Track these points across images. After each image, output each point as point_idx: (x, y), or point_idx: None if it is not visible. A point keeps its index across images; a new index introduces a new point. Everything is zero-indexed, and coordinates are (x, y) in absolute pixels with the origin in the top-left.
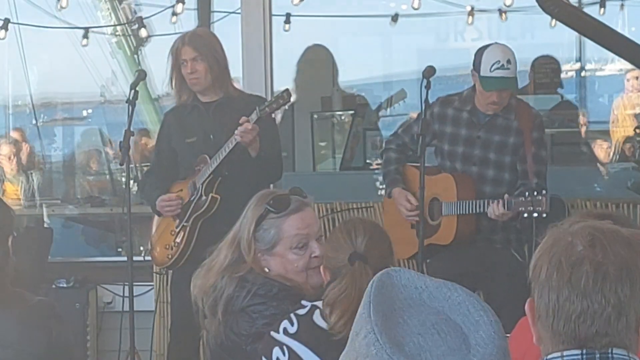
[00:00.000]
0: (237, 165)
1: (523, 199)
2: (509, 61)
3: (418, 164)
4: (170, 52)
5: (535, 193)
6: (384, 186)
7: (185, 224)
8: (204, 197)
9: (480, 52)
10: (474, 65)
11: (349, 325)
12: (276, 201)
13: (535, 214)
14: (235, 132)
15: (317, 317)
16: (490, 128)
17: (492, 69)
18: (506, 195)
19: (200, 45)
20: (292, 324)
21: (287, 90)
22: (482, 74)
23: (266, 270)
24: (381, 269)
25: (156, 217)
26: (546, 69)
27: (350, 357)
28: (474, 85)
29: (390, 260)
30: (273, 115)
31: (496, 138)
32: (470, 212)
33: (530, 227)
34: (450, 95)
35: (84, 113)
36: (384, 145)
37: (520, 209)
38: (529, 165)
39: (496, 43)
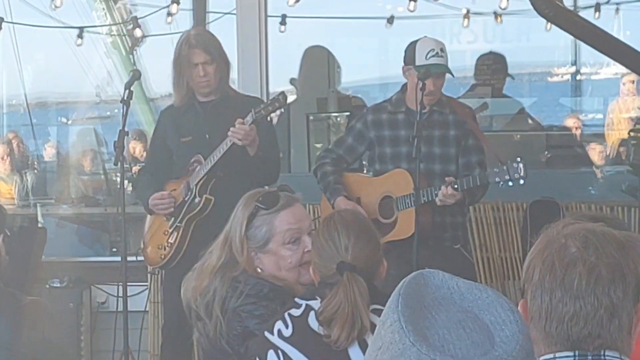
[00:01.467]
0: (232, 167)
1: (497, 170)
2: (442, 50)
3: (356, 173)
4: (178, 55)
5: (509, 162)
6: (328, 198)
7: (178, 224)
8: (197, 199)
9: (411, 46)
10: (405, 60)
11: (352, 334)
12: (265, 198)
13: (511, 183)
14: (229, 133)
15: (312, 320)
16: (429, 124)
17: (427, 57)
18: (450, 178)
19: (211, 48)
20: (286, 326)
21: (282, 93)
22: (417, 63)
23: (259, 270)
24: (370, 268)
25: (149, 216)
26: (488, 69)
27: (376, 345)
28: (402, 87)
29: (378, 257)
30: (269, 118)
31: (437, 133)
32: (429, 199)
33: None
34: (380, 103)
35: (108, 113)
36: (316, 162)
37: (495, 179)
38: (488, 151)
39: (425, 36)
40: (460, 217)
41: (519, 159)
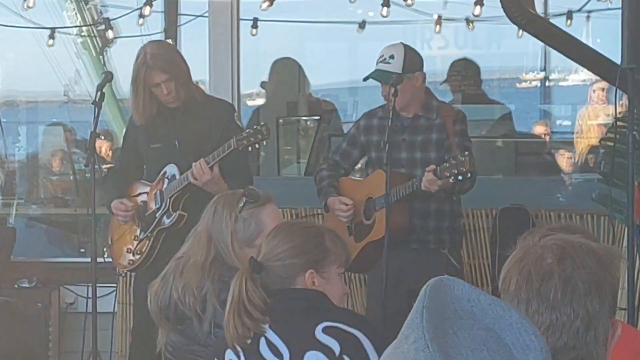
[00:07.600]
0: None
1: (447, 165)
2: (392, 56)
3: (352, 177)
4: (136, 77)
5: (459, 156)
6: (320, 201)
7: (149, 234)
8: (172, 214)
9: None
10: None
11: (244, 329)
12: (250, 193)
13: (461, 177)
14: (189, 172)
15: (263, 348)
16: (414, 129)
17: (377, 63)
18: (432, 166)
19: (167, 66)
20: (237, 357)
21: (265, 125)
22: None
23: None
24: (282, 269)
25: None
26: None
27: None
28: None
29: (297, 262)
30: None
31: (419, 138)
32: (401, 196)
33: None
34: (375, 108)
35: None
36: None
37: (445, 174)
38: (453, 150)
39: (400, 42)
40: (446, 222)
41: (466, 153)
